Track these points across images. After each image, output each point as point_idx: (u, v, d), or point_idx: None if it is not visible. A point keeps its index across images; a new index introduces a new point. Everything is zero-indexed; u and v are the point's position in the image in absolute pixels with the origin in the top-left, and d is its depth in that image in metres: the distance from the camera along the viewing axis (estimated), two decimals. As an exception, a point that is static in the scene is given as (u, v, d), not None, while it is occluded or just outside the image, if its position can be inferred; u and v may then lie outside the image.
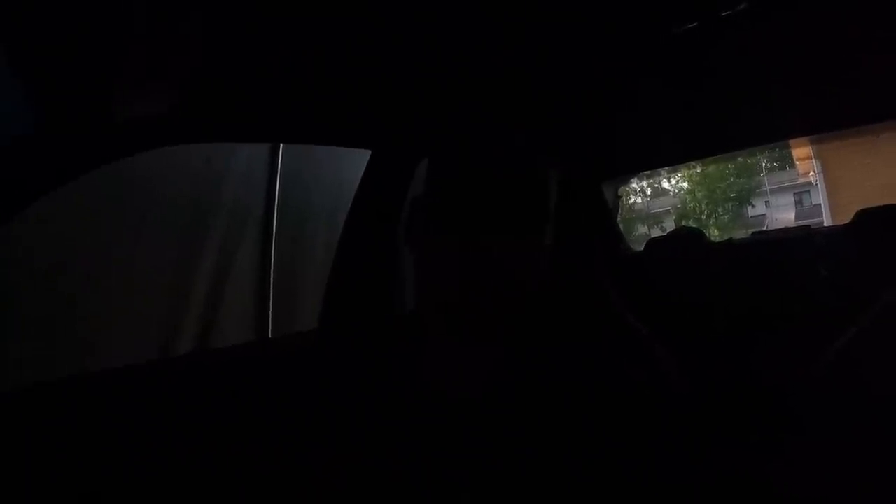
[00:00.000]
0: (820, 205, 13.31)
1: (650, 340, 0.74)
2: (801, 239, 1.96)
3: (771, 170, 17.78)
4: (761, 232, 2.47)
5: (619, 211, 2.47)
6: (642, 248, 1.98)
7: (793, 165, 15.86)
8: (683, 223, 16.91)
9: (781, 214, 17.22)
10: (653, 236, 2.51)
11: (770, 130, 1.93)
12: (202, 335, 1.80)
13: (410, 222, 0.77)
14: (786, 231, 2.23)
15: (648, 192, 19.97)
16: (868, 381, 0.87)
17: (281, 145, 2.03)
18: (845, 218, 1.57)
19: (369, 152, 1.40)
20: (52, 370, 1.16)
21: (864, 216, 1.50)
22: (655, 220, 18.29)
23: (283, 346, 1.55)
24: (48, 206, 0.84)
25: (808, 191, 16.37)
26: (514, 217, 0.68)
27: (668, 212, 18.77)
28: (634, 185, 17.64)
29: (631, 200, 18.30)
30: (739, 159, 14.97)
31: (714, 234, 15.64)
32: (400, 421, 0.72)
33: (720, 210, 17.47)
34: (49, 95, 0.68)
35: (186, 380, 1.23)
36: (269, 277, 2.02)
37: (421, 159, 1.39)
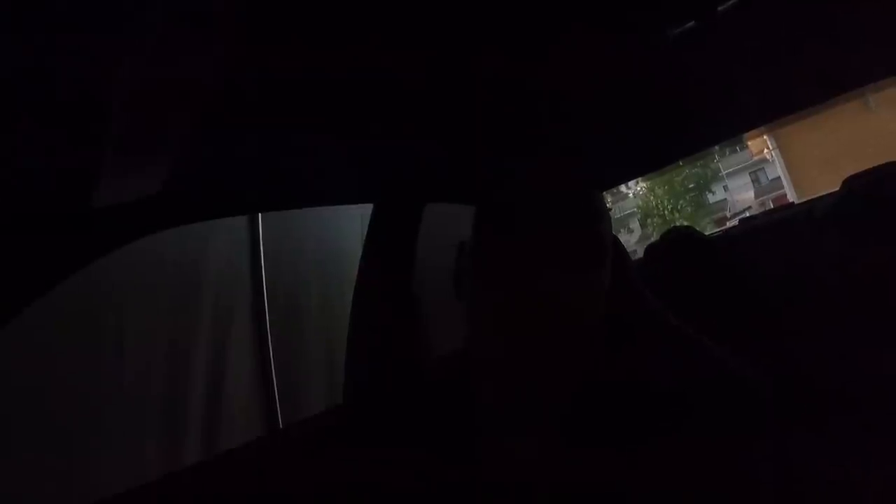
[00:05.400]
0: (778, 178, 13.78)
1: (701, 337, 0.68)
2: (796, 216, 1.93)
3: (723, 154, 18.31)
4: (750, 217, 2.45)
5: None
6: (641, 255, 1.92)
7: (744, 147, 16.38)
8: (649, 221, 17.28)
9: (741, 195, 17.72)
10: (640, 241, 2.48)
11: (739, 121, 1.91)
12: (207, 439, 1.65)
13: (460, 272, 0.70)
14: (777, 211, 2.20)
15: (608, 199, 20.29)
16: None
17: (259, 217, 1.93)
18: (809, 188, 1.54)
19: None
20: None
21: (855, 181, 1.47)
22: (621, 224, 18.57)
23: (299, 437, 1.43)
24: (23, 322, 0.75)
25: (763, 168, 16.94)
26: (576, 253, 0.61)
27: (632, 214, 19.08)
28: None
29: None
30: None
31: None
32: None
33: (682, 202, 17.87)
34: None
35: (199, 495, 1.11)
36: (270, 360, 1.88)
37: (426, 203, 1.31)
